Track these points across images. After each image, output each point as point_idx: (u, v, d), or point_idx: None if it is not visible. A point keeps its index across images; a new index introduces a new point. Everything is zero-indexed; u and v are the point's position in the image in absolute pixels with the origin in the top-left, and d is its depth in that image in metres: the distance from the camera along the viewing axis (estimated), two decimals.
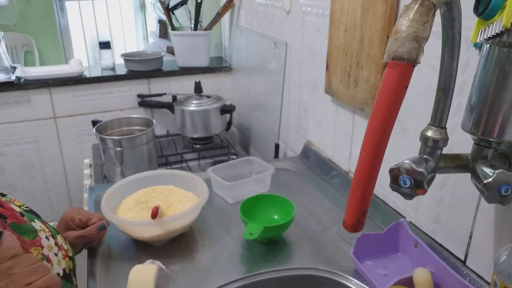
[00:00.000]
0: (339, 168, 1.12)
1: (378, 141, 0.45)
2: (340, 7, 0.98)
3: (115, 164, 1.30)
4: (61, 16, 3.32)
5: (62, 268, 0.66)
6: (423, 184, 0.56)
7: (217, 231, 0.94)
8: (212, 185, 1.09)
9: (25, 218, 0.65)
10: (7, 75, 1.59)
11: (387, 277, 0.77)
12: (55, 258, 0.65)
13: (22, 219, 0.64)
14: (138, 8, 4.07)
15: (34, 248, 0.63)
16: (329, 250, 0.86)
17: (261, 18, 1.48)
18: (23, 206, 0.72)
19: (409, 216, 0.88)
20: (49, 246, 0.66)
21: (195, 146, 1.65)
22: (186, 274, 0.80)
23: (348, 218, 0.51)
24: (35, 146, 1.67)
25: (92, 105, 1.69)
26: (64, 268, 0.67)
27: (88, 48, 3.90)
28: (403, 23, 0.43)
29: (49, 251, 0.65)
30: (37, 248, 0.63)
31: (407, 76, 0.43)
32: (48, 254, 0.64)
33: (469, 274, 0.72)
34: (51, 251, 0.65)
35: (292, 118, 1.36)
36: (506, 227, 0.65)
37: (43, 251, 0.63)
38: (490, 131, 0.55)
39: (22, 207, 0.71)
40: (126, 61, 1.75)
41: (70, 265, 0.70)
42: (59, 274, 0.64)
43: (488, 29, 0.51)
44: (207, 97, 1.65)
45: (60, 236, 0.72)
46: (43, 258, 0.63)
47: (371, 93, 0.91)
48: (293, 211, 0.89)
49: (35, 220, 0.68)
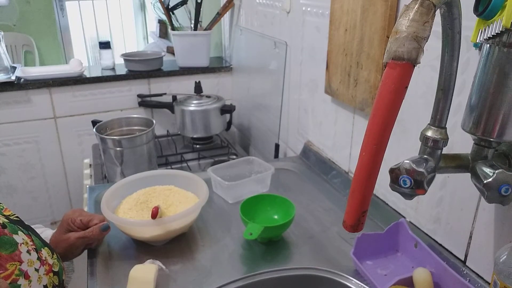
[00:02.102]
0: (339, 168, 1.12)
1: (378, 141, 0.45)
2: (340, 7, 0.98)
3: (115, 164, 1.30)
4: (61, 16, 3.32)
5: (43, 285, 0.65)
6: (423, 184, 0.56)
7: (217, 231, 0.94)
8: (212, 185, 1.09)
9: (6, 230, 0.64)
10: (7, 75, 1.59)
11: (387, 277, 0.77)
12: (35, 274, 0.64)
13: (1, 231, 0.63)
14: (138, 8, 4.08)
15: (11, 263, 0.61)
16: (329, 250, 0.86)
17: (261, 18, 1.48)
18: (12, 216, 0.70)
19: (409, 216, 0.88)
20: (30, 261, 0.64)
21: (195, 146, 1.65)
22: (186, 274, 0.80)
23: (348, 218, 0.51)
24: (35, 146, 1.67)
25: (92, 105, 1.69)
26: (46, 285, 0.66)
27: (88, 48, 3.90)
28: (403, 23, 0.43)
29: (29, 266, 0.63)
30: (14, 263, 0.61)
31: (407, 76, 0.43)
32: (27, 269, 0.63)
33: (469, 274, 0.72)
34: (31, 266, 0.64)
35: (292, 118, 1.36)
36: (506, 227, 0.65)
37: (21, 266, 0.62)
38: (490, 131, 0.55)
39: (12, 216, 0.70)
40: (126, 61, 1.75)
41: (54, 280, 0.68)
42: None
43: (488, 29, 0.51)
44: (207, 97, 1.65)
45: (46, 250, 0.70)
46: (20, 274, 0.61)
47: (371, 93, 0.91)
48: (293, 211, 0.89)
49: (18, 232, 0.66)
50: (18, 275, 0.61)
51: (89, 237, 0.81)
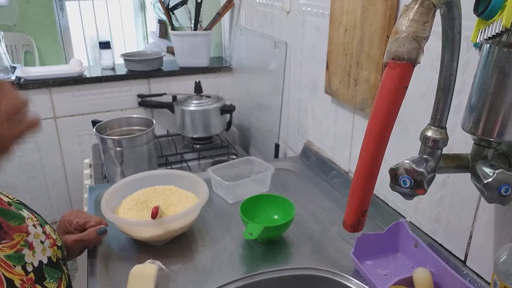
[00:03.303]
0: (339, 168, 1.12)
1: (378, 141, 0.45)
2: (340, 7, 0.98)
3: (115, 164, 1.30)
4: (61, 16, 3.32)
5: (47, 256, 0.67)
6: (423, 184, 0.56)
7: (217, 231, 0.94)
8: (212, 185, 1.09)
9: (12, 207, 0.66)
10: (7, 75, 1.59)
11: (387, 277, 0.77)
12: (40, 245, 0.66)
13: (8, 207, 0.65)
14: (138, 8, 4.08)
15: (18, 234, 0.63)
16: (329, 250, 0.86)
17: (261, 18, 1.48)
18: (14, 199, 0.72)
19: (409, 216, 0.88)
20: (36, 233, 0.66)
21: (195, 146, 1.65)
22: (186, 274, 0.80)
23: (348, 218, 0.51)
24: (35, 146, 1.67)
25: (92, 105, 1.69)
26: (50, 256, 0.67)
27: (88, 48, 3.90)
28: (403, 23, 0.43)
29: (35, 238, 0.65)
30: (21, 234, 0.63)
31: (407, 76, 0.43)
32: (32, 241, 0.64)
33: (469, 274, 0.72)
34: (37, 239, 0.66)
35: (292, 118, 1.36)
36: (506, 227, 0.65)
37: (27, 237, 0.64)
38: (490, 131, 0.55)
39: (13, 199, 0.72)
40: (126, 61, 1.75)
41: (58, 254, 0.70)
42: (42, 261, 0.65)
43: (488, 29, 0.51)
44: (207, 97, 1.65)
45: (48, 226, 0.72)
46: (25, 244, 0.63)
47: (371, 93, 0.91)
48: (293, 211, 0.89)
49: (23, 209, 0.68)
50: (23, 246, 0.62)
51: (86, 240, 0.81)
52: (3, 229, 0.61)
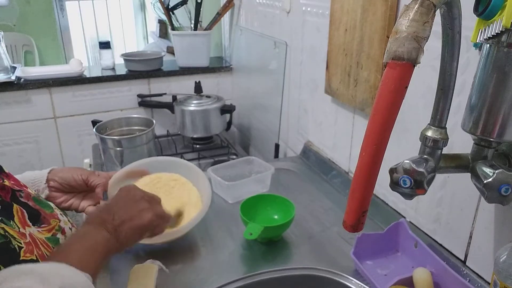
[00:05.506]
0: (339, 168, 1.12)
1: (378, 141, 0.45)
2: (340, 7, 0.98)
3: (115, 164, 1.30)
4: (61, 16, 3.32)
5: None
6: (423, 184, 0.56)
7: (217, 231, 0.94)
8: (212, 185, 1.09)
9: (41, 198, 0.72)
10: (7, 75, 1.59)
11: (387, 277, 0.77)
12: (70, 232, 0.70)
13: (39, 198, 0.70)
14: (138, 8, 4.07)
15: (54, 219, 0.68)
16: (329, 250, 0.86)
17: (261, 18, 1.48)
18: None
19: (409, 216, 0.88)
20: (65, 221, 0.71)
21: (195, 146, 1.65)
22: (186, 274, 0.80)
23: (348, 218, 0.51)
24: (35, 146, 1.67)
25: (92, 105, 1.69)
26: None
27: (88, 48, 3.90)
28: (403, 23, 0.43)
29: (65, 224, 0.70)
30: (56, 220, 0.68)
31: (407, 76, 0.43)
32: (64, 227, 0.69)
33: (469, 274, 0.72)
34: (66, 225, 0.71)
35: (292, 118, 1.36)
36: (506, 227, 0.65)
37: (60, 223, 0.69)
38: (490, 131, 0.55)
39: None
40: (126, 61, 1.75)
41: None
42: None
43: (488, 29, 0.51)
44: (207, 97, 1.65)
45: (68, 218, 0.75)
46: (59, 229, 0.68)
47: (371, 93, 0.91)
48: (293, 211, 0.89)
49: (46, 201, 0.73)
50: (57, 230, 0.67)
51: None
52: (42, 215, 0.66)
